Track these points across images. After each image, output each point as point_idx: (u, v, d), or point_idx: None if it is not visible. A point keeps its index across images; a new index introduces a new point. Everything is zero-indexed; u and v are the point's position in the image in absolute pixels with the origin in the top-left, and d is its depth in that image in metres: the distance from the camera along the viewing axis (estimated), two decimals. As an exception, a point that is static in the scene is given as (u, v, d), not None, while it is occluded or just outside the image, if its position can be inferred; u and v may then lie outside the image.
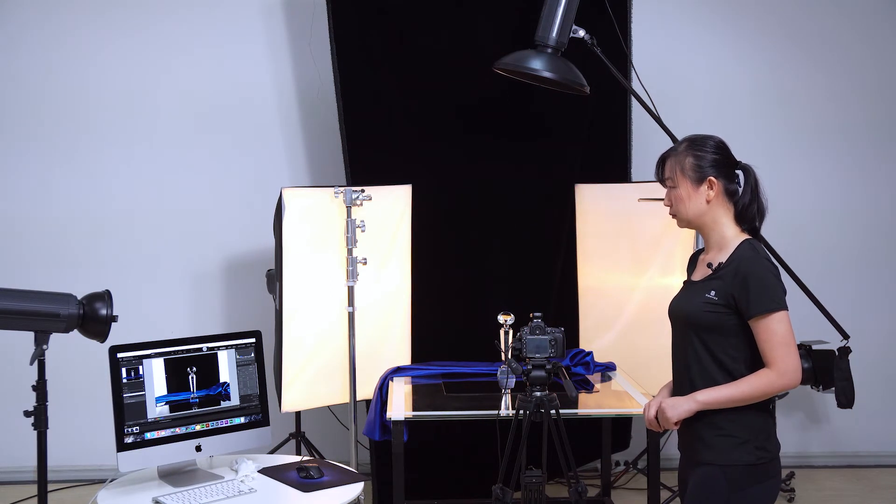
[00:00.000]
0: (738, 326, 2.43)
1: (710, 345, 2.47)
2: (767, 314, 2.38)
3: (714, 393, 2.42)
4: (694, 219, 2.55)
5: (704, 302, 2.47)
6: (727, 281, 2.44)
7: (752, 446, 2.43)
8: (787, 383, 2.38)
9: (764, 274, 2.41)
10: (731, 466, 2.42)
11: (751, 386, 2.39)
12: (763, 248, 2.52)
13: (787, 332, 2.38)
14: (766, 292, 2.39)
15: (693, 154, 2.53)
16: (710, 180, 2.50)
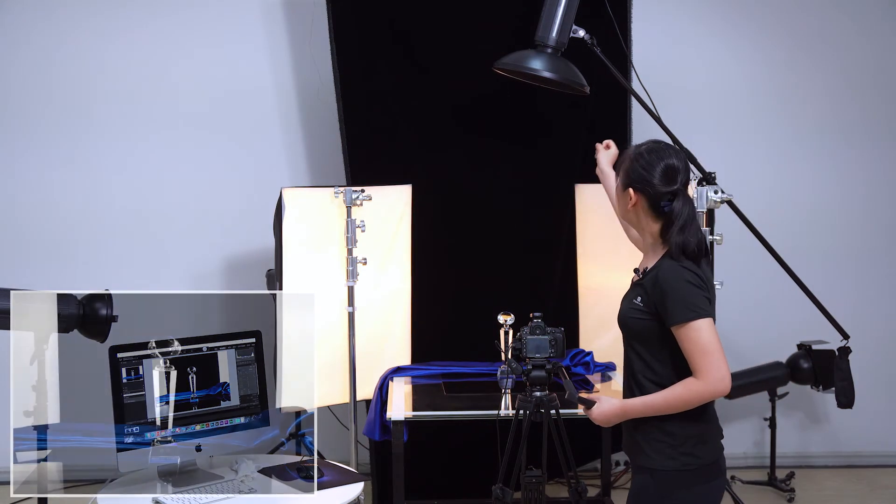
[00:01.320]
0: (663, 333, 2.42)
1: (641, 351, 2.49)
2: (686, 323, 2.35)
3: (641, 403, 2.44)
4: (621, 216, 2.61)
5: (631, 308, 2.48)
6: (648, 289, 2.44)
7: (678, 451, 2.42)
8: (714, 391, 2.35)
9: (680, 283, 2.38)
10: (659, 471, 2.43)
11: (676, 395, 2.38)
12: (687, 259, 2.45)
13: (709, 341, 2.34)
14: (683, 301, 2.36)
15: (637, 162, 2.49)
16: (630, 192, 2.49)
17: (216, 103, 4.84)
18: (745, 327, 4.98)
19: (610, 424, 2.51)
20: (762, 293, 4.92)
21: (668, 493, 2.43)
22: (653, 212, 2.48)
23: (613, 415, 2.48)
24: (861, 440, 5.08)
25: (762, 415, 4.77)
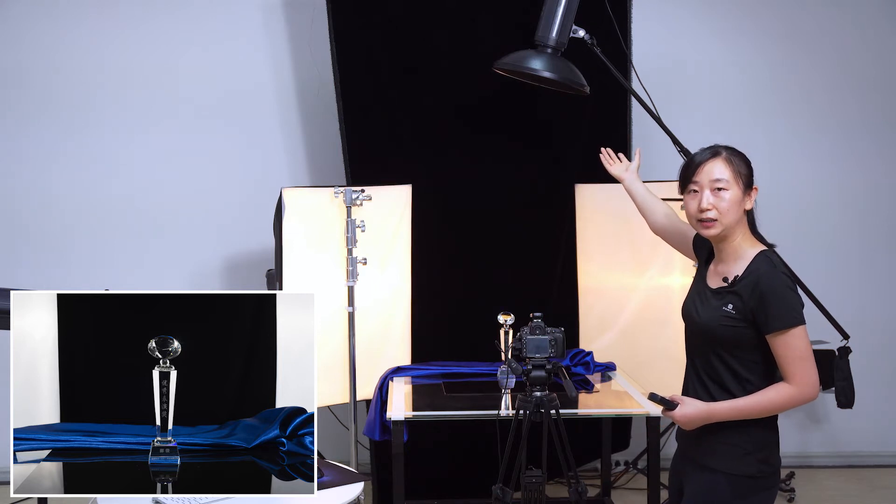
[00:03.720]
0: (756, 340, 2.44)
1: (727, 357, 2.47)
2: (786, 330, 2.38)
3: (729, 406, 2.43)
4: (727, 224, 2.50)
5: (722, 316, 2.46)
6: (745, 296, 2.43)
7: (754, 458, 2.45)
8: (807, 397, 2.40)
9: (782, 289, 2.41)
10: (734, 476, 2.44)
11: (769, 400, 2.41)
12: (779, 260, 2.51)
13: (805, 347, 2.39)
14: (784, 308, 2.39)
15: (746, 161, 2.56)
16: (756, 188, 2.54)
17: (216, 103, 4.84)
18: (745, 327, 4.98)
19: (693, 427, 2.48)
20: (762, 293, 4.91)
21: (741, 497, 2.44)
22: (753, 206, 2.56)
23: (699, 417, 2.46)
24: (861, 440, 5.09)
25: (762, 415, 4.77)
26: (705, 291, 2.56)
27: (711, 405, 2.46)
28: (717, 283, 2.53)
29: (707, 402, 2.47)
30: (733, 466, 2.44)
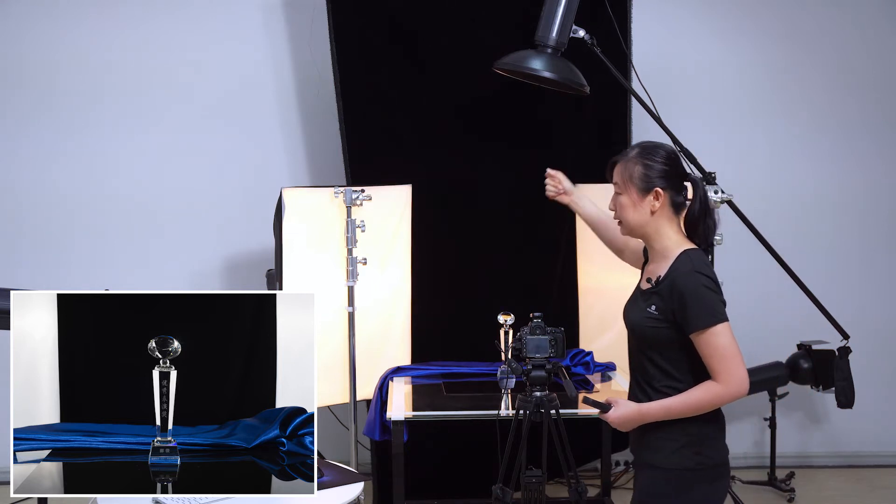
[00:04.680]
0: (681, 340, 2.44)
1: (656, 358, 2.49)
2: (707, 329, 2.38)
3: (659, 406, 2.45)
4: (636, 228, 2.53)
5: (646, 317, 2.48)
6: (665, 296, 2.44)
7: (690, 451, 2.44)
8: (735, 394, 2.40)
9: (699, 289, 2.39)
10: (672, 470, 2.45)
11: (697, 399, 2.41)
12: (700, 259, 2.48)
13: (728, 344, 2.39)
14: (703, 307, 2.38)
15: (643, 163, 2.49)
16: (657, 191, 2.48)
17: (216, 103, 4.84)
18: (745, 327, 4.96)
19: (629, 428, 2.51)
20: (762, 293, 4.92)
21: (683, 491, 2.45)
22: (672, 208, 2.50)
23: (632, 418, 2.48)
24: (861, 440, 5.08)
25: (762, 415, 4.77)
26: (637, 293, 2.59)
27: (642, 406, 2.47)
28: (646, 285, 2.55)
29: (638, 403, 2.49)
30: (670, 461, 2.45)
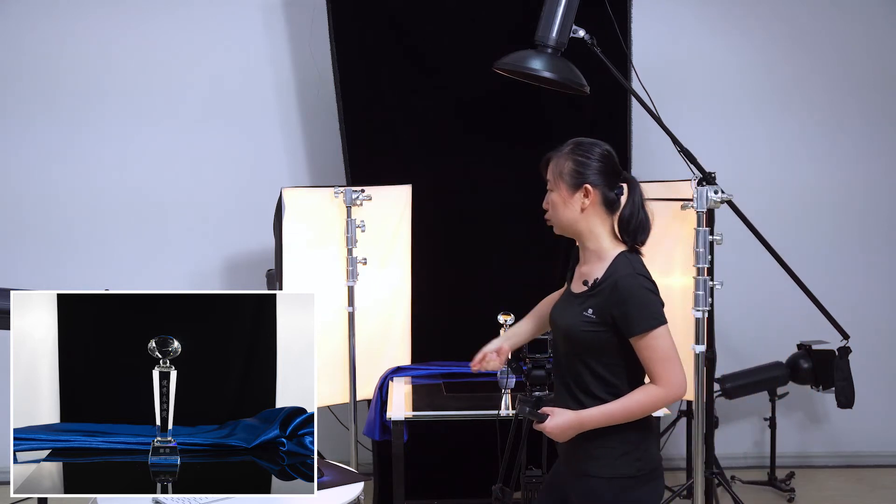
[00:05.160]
0: (618, 344, 2.39)
1: (591, 363, 2.42)
2: (648, 332, 2.34)
3: (599, 413, 2.38)
4: (567, 226, 2.49)
5: (583, 320, 2.41)
6: (604, 299, 2.39)
7: (631, 458, 2.41)
8: (674, 396, 2.36)
9: (641, 291, 2.37)
10: (615, 479, 2.40)
11: (638, 402, 2.37)
12: (639, 262, 2.46)
13: (668, 347, 2.35)
14: (644, 310, 2.35)
15: (574, 159, 2.48)
16: (586, 188, 2.44)
17: (216, 103, 4.84)
18: (745, 327, 4.98)
19: (567, 438, 2.42)
20: (762, 293, 4.92)
21: (624, 498, 2.41)
22: (605, 206, 2.46)
23: (570, 427, 2.40)
24: (861, 440, 5.09)
25: (762, 415, 4.78)
26: (570, 297, 2.52)
27: (581, 413, 2.40)
28: (579, 288, 2.49)
29: (576, 411, 2.42)
30: (612, 469, 2.40)
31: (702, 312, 3.60)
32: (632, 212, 2.45)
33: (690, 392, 3.82)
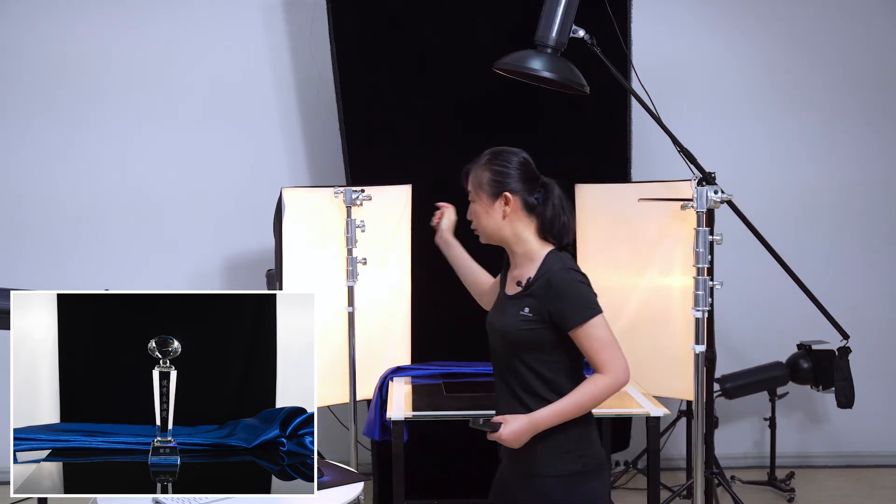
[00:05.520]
0: (556, 339, 2.42)
1: (532, 362, 2.45)
2: (585, 322, 2.38)
3: (550, 412, 2.40)
4: (492, 234, 2.55)
5: (520, 320, 2.45)
6: (540, 297, 2.43)
7: (576, 455, 2.44)
8: (621, 383, 2.39)
9: (574, 284, 2.41)
10: (562, 476, 2.43)
11: (588, 395, 2.39)
12: (569, 258, 2.51)
13: (607, 335, 2.39)
14: (579, 302, 2.39)
15: (491, 169, 2.54)
16: (506, 196, 2.50)
17: (216, 103, 4.84)
18: (745, 327, 4.98)
19: (522, 443, 2.44)
20: (762, 293, 4.92)
21: (573, 494, 2.43)
22: (526, 211, 2.51)
23: (524, 431, 2.42)
24: (861, 440, 5.09)
25: (762, 415, 4.78)
26: (504, 300, 2.56)
27: (533, 415, 2.42)
28: (514, 290, 2.53)
29: (528, 414, 2.43)
30: (558, 467, 2.43)
31: (702, 312, 3.60)
32: (553, 214, 2.51)
33: (690, 392, 3.82)
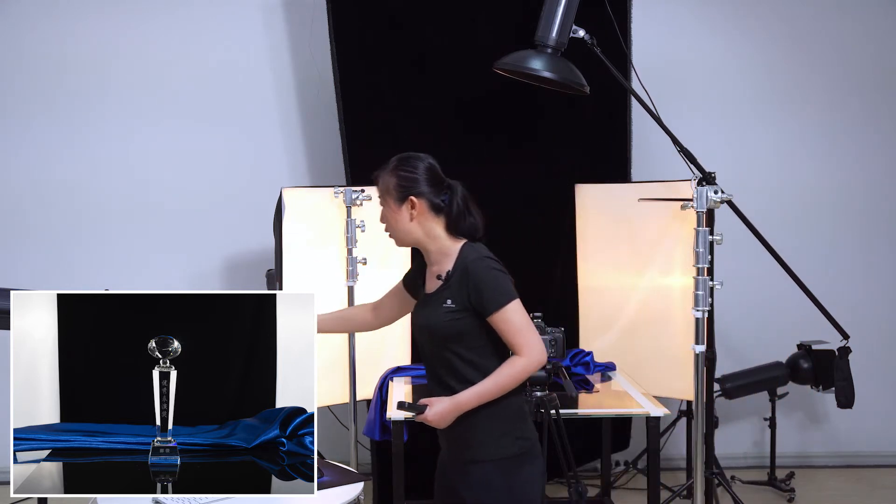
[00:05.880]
0: (480, 326, 2.52)
1: (461, 351, 2.54)
2: (502, 308, 2.47)
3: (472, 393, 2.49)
4: (404, 236, 2.63)
5: (444, 312, 2.54)
6: (459, 287, 2.53)
7: (512, 437, 2.53)
8: (537, 362, 2.49)
9: (490, 272, 2.52)
10: (500, 460, 2.52)
11: (507, 375, 2.48)
12: (483, 248, 2.62)
13: (522, 318, 2.49)
14: (496, 288, 2.50)
15: (397, 174, 2.63)
16: (412, 199, 2.58)
17: (216, 103, 4.84)
18: (745, 327, 4.98)
19: (447, 424, 2.52)
20: (762, 293, 4.92)
21: (512, 477, 2.51)
22: (434, 211, 2.60)
23: (448, 411, 2.50)
24: (861, 440, 5.09)
25: (762, 415, 4.78)
26: (426, 298, 2.64)
27: (456, 396, 2.51)
28: (434, 286, 2.61)
29: (451, 396, 2.52)
30: (496, 451, 2.52)
31: (702, 312, 3.60)
32: (458, 214, 2.61)
33: (690, 392, 3.82)
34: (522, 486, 2.53)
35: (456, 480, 2.61)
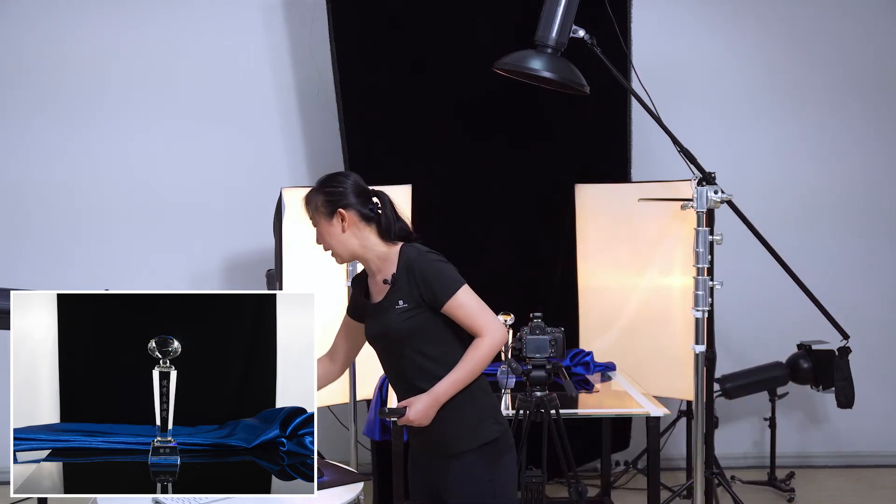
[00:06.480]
0: (435, 319, 2.55)
1: (422, 347, 2.56)
2: (453, 295, 2.52)
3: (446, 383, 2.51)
4: (343, 252, 2.67)
5: (398, 314, 2.55)
6: (407, 286, 2.55)
7: (489, 423, 2.56)
8: (499, 338, 2.52)
9: (434, 264, 2.56)
10: (481, 447, 2.54)
11: (474, 358, 2.51)
12: (421, 245, 2.65)
13: (475, 300, 2.54)
14: (444, 278, 2.54)
15: (322, 192, 2.68)
16: (340, 212, 2.63)
17: (216, 103, 4.84)
18: (745, 327, 4.98)
19: (429, 420, 2.53)
20: (762, 293, 4.92)
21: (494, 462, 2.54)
22: (364, 221, 2.64)
23: (428, 406, 2.52)
24: (861, 440, 5.09)
25: (762, 415, 4.77)
26: (376, 308, 2.64)
27: (432, 391, 2.53)
28: (381, 293, 2.62)
29: (428, 391, 2.53)
30: (476, 439, 2.54)
31: (702, 312, 3.60)
32: (387, 221, 2.65)
33: (690, 392, 3.82)
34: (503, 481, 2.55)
35: (436, 479, 2.62)
